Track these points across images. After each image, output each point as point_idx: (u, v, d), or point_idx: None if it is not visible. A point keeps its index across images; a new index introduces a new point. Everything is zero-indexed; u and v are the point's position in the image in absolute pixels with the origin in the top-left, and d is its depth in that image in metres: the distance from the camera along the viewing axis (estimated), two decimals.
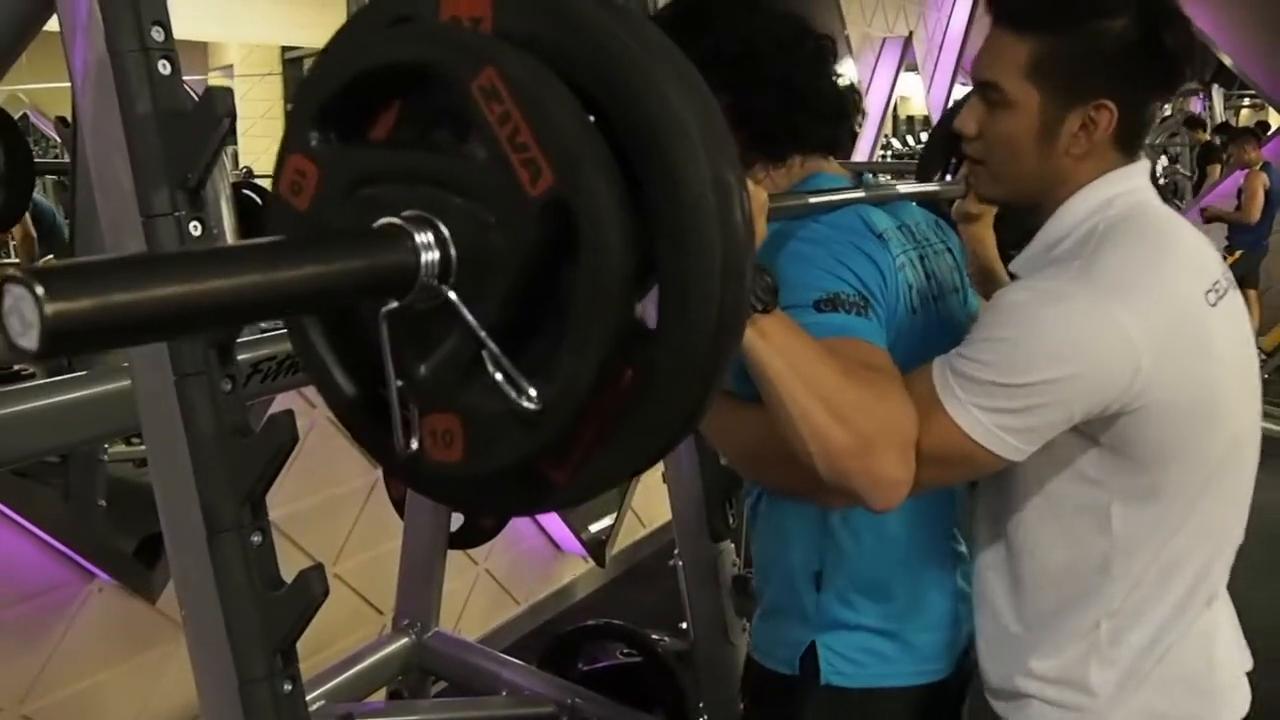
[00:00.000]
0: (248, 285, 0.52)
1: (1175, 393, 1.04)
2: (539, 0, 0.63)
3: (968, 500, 1.33)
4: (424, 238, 0.61)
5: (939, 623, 1.29)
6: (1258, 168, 6.39)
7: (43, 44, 1.28)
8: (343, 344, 0.72)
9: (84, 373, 1.54)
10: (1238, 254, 6.34)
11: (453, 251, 0.61)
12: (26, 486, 2.02)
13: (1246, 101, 12.79)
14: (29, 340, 0.45)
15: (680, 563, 1.89)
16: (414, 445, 0.68)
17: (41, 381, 1.43)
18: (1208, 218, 6.37)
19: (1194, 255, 1.12)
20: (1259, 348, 5.49)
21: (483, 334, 0.62)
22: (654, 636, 2.17)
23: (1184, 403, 1.05)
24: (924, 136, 7.56)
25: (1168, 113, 10.74)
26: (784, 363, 1.00)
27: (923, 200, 1.42)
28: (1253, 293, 6.48)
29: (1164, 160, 5.50)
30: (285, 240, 0.60)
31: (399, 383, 0.67)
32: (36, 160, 3.27)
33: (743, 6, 1.29)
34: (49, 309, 0.45)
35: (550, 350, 0.63)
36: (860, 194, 1.23)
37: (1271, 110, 9.10)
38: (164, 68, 1.00)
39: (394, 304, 0.62)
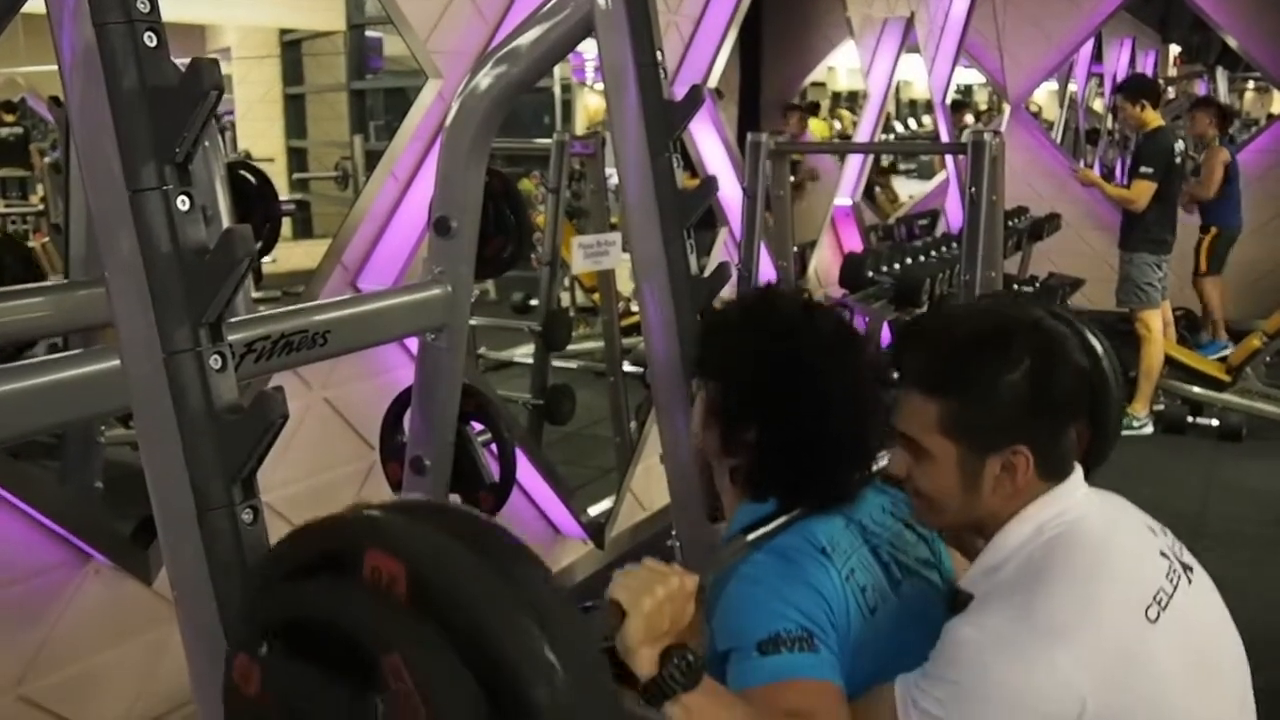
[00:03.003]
0: None
1: (1126, 718, 1.09)
2: (442, 577, 0.71)
3: None
4: None
5: None
6: (1216, 143, 6.24)
7: (40, 27, 1.27)
8: None
9: (79, 351, 1.53)
10: (1214, 231, 6.24)
11: None
12: (22, 468, 2.02)
13: (1251, 84, 12.72)
14: None
15: (677, 544, 1.88)
16: None
17: (34, 360, 1.43)
18: (1185, 205, 6.27)
19: (1132, 571, 1.17)
20: (1261, 330, 5.44)
21: None
22: None
23: None
24: (926, 120, 7.51)
25: (1171, 95, 10.68)
26: None
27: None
28: (1217, 279, 6.36)
29: (1180, 144, 5.45)
30: None
31: None
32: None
33: (837, 350, 1.31)
34: None
35: None
36: (797, 514, 1.28)
37: (1277, 94, 9.06)
38: (150, 39, 0.99)
39: None
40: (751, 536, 1.24)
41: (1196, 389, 5.49)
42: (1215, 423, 5.35)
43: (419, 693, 0.68)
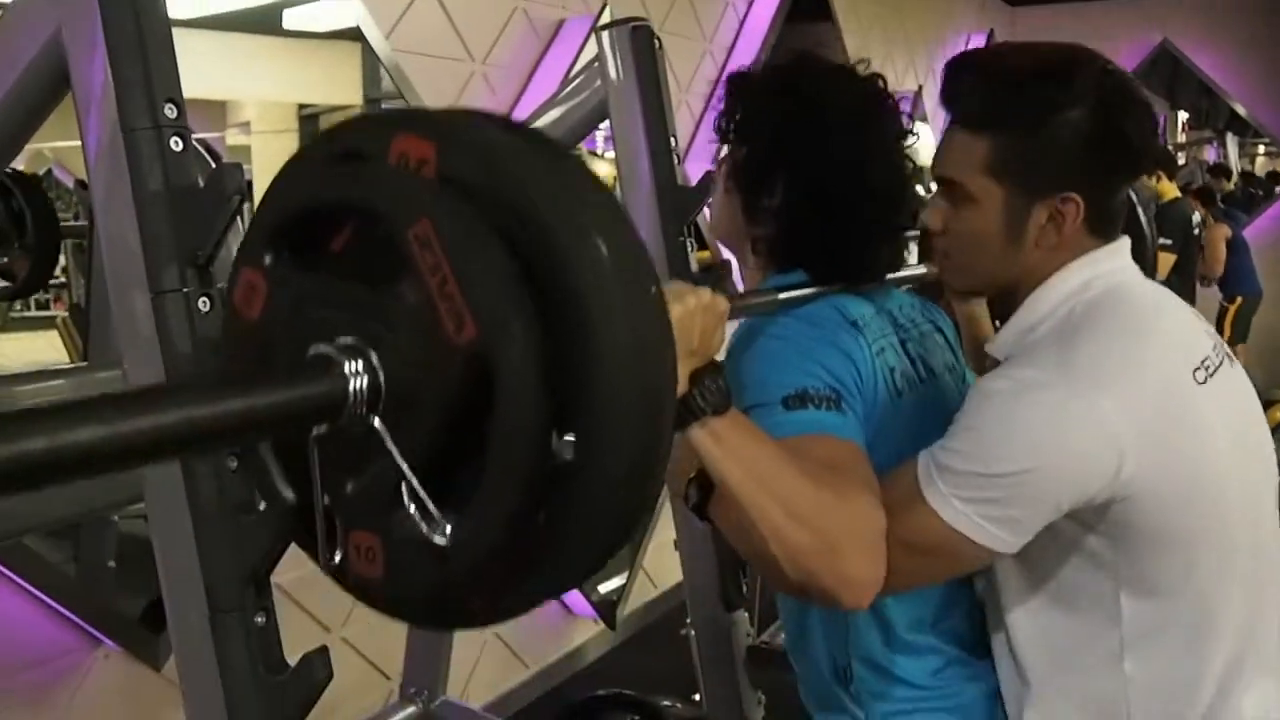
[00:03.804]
0: (182, 423, 0.56)
1: (1165, 480, 1.01)
2: (477, 148, 0.64)
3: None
4: (354, 366, 0.63)
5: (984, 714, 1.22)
6: (1212, 220, 6.29)
7: (67, 103, 1.29)
8: (283, 451, 0.74)
9: None
10: (1239, 300, 6.28)
11: (382, 382, 0.63)
12: (33, 551, 2.01)
13: (1261, 149, 12.78)
14: None
15: (693, 632, 1.85)
16: (337, 558, 0.70)
17: None
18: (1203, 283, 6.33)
19: (1179, 335, 1.09)
20: None
21: (404, 465, 0.63)
22: (665, 703, 2.14)
23: (1176, 488, 1.02)
24: (934, 186, 7.57)
25: (1182, 161, 10.76)
26: (738, 465, 0.99)
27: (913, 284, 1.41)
28: (1241, 347, 6.35)
29: (1196, 215, 5.50)
30: (217, 378, 0.65)
31: (327, 498, 0.69)
32: (63, 223, 3.24)
33: (867, 116, 1.26)
34: None
35: (470, 486, 0.63)
36: (834, 287, 1.23)
37: None
38: (176, 144, 1.00)
39: (324, 428, 0.64)
40: (783, 296, 1.17)
41: None
42: None
43: (449, 262, 0.60)
